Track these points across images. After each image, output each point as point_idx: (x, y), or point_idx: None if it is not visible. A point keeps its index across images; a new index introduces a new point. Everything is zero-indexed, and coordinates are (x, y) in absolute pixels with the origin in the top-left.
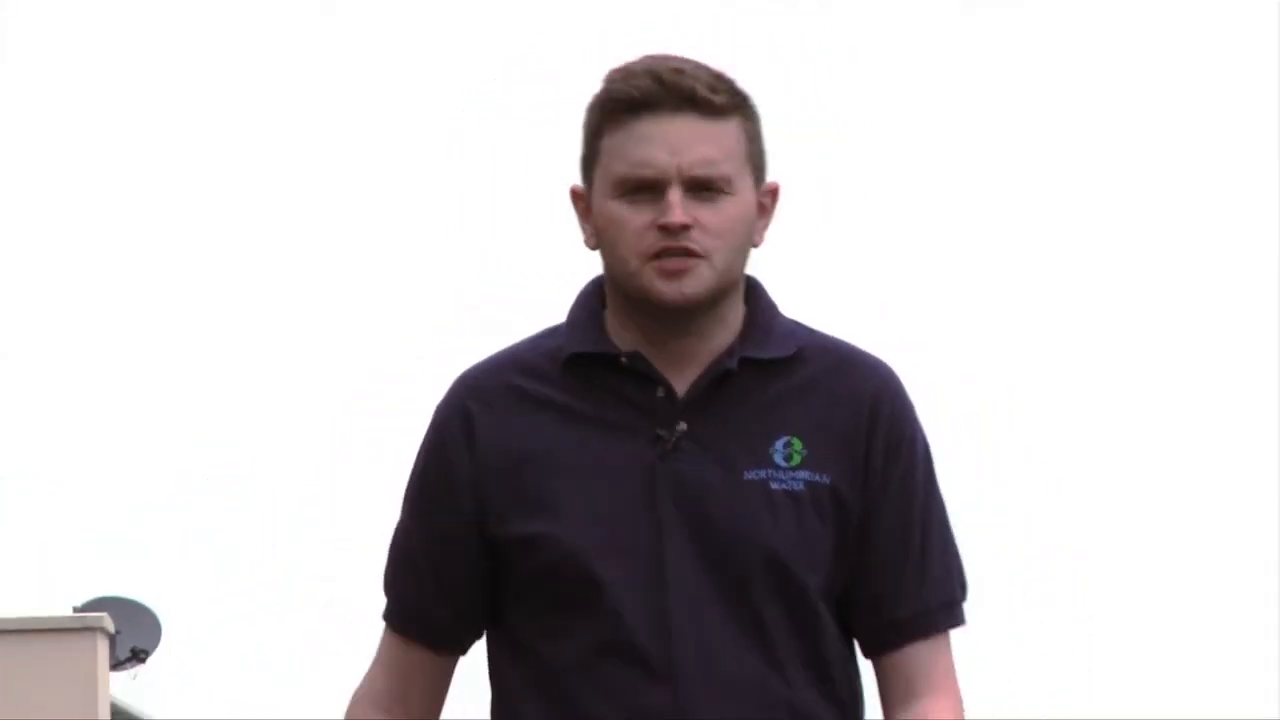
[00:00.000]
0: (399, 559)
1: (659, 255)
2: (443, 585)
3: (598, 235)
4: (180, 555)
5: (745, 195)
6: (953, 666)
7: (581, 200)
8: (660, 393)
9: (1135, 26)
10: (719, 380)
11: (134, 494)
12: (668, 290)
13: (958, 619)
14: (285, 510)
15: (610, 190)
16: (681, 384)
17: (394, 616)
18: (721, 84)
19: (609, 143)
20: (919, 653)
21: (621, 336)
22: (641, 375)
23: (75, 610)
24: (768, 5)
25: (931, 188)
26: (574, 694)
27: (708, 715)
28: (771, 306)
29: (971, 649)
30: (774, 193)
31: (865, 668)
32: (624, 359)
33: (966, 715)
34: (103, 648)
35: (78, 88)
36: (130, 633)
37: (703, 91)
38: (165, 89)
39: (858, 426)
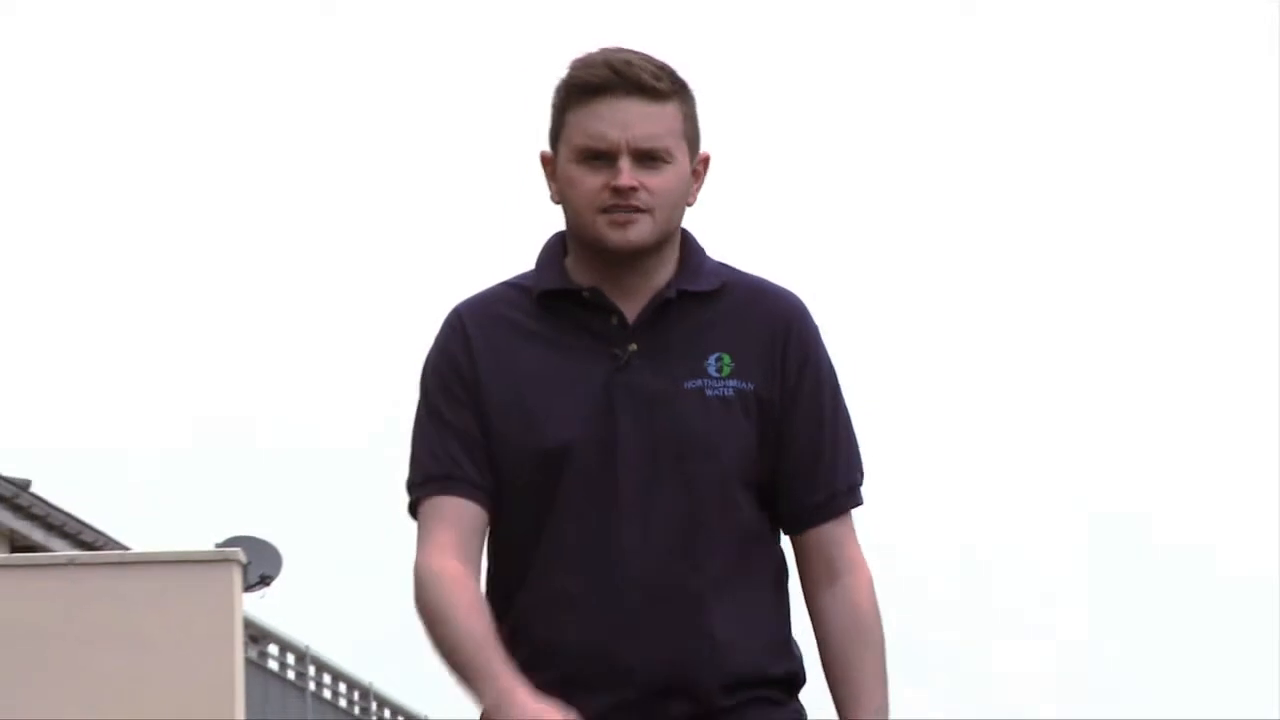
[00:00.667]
0: (430, 440)
1: (609, 210)
2: (466, 450)
3: (561, 192)
4: (296, 500)
5: (681, 164)
6: (858, 542)
7: (549, 164)
8: (614, 320)
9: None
10: (661, 309)
11: (259, 456)
12: (617, 238)
13: (859, 500)
14: (372, 462)
15: (572, 156)
16: (631, 312)
17: (441, 483)
18: (664, 73)
19: (571, 118)
20: (832, 532)
21: (581, 275)
22: (599, 306)
23: (216, 546)
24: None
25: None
26: (545, 567)
27: (645, 568)
28: (700, 250)
29: (864, 527)
30: (705, 161)
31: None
32: (585, 293)
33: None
34: (237, 575)
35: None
36: (258, 563)
37: (648, 80)
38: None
39: (774, 343)
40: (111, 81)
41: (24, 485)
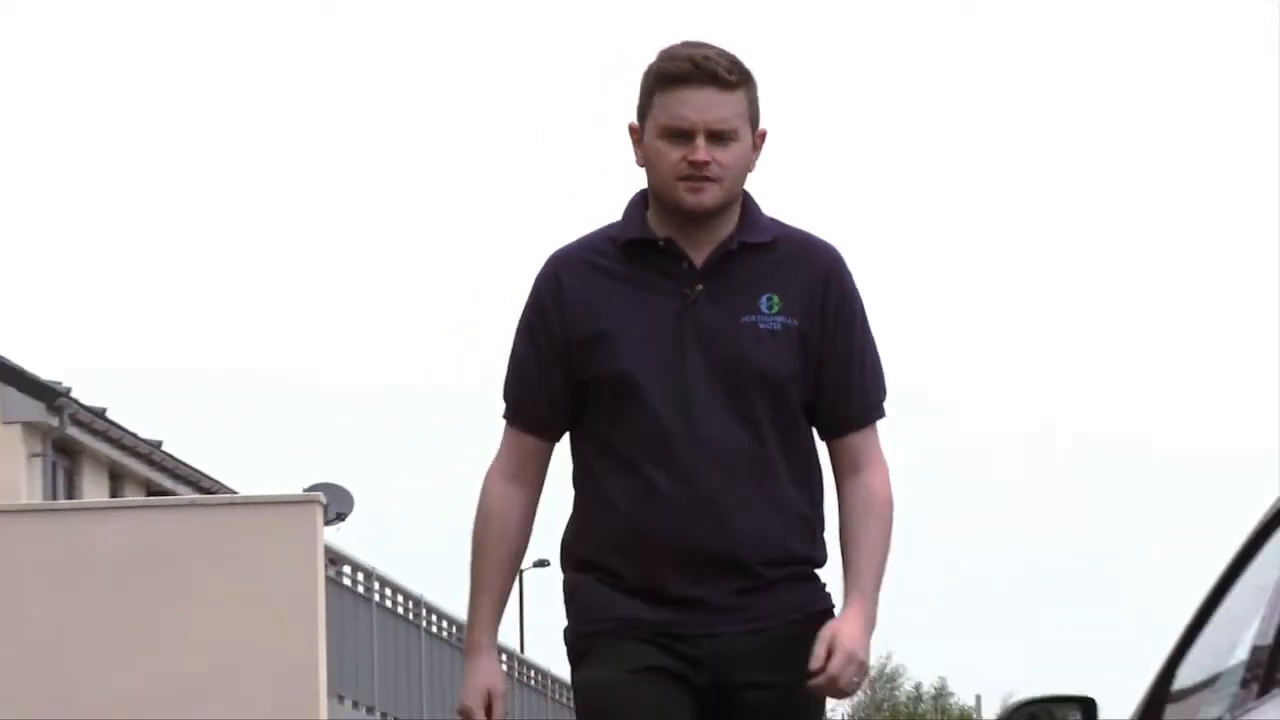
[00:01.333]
0: (517, 375)
1: (686, 178)
2: (545, 390)
3: (645, 159)
4: (367, 452)
5: (745, 141)
6: (880, 445)
7: (636, 134)
8: (685, 265)
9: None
10: (724, 257)
11: (336, 413)
12: (692, 201)
13: (882, 413)
14: (427, 415)
15: (658, 132)
16: (699, 259)
17: (513, 415)
18: (735, 66)
19: (658, 100)
20: (859, 437)
21: (659, 227)
22: (672, 253)
23: (304, 490)
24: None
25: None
26: (623, 467)
27: (705, 470)
28: (757, 209)
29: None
30: (763, 136)
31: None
32: (661, 243)
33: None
34: (319, 514)
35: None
36: (335, 503)
37: (722, 72)
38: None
39: (816, 287)
40: (187, 58)
41: (157, 444)
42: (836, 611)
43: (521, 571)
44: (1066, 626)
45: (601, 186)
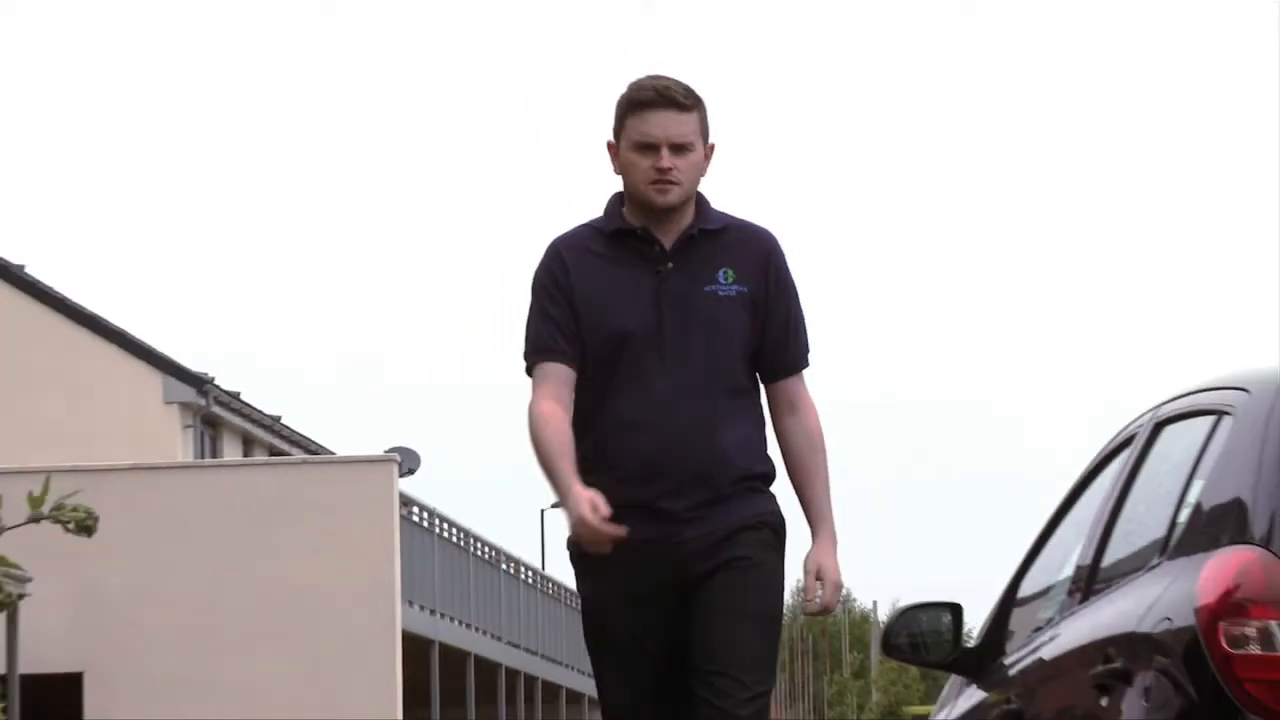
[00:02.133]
0: (540, 321)
1: (655, 182)
2: (561, 331)
3: (622, 168)
4: (432, 422)
5: (699, 151)
6: (808, 389)
7: (613, 149)
8: (657, 248)
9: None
10: (688, 241)
11: (410, 392)
12: (660, 199)
13: (808, 363)
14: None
15: (630, 146)
16: (667, 243)
17: (540, 354)
18: (689, 93)
19: (630, 122)
20: (793, 381)
21: (634, 219)
22: (647, 239)
23: (384, 451)
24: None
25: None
26: (615, 404)
27: (678, 407)
28: (708, 204)
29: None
30: (712, 148)
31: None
32: (638, 231)
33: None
34: (395, 469)
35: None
36: (407, 461)
37: (679, 98)
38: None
39: (760, 263)
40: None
41: (277, 418)
42: (783, 514)
43: (543, 510)
44: (948, 545)
45: (600, 186)
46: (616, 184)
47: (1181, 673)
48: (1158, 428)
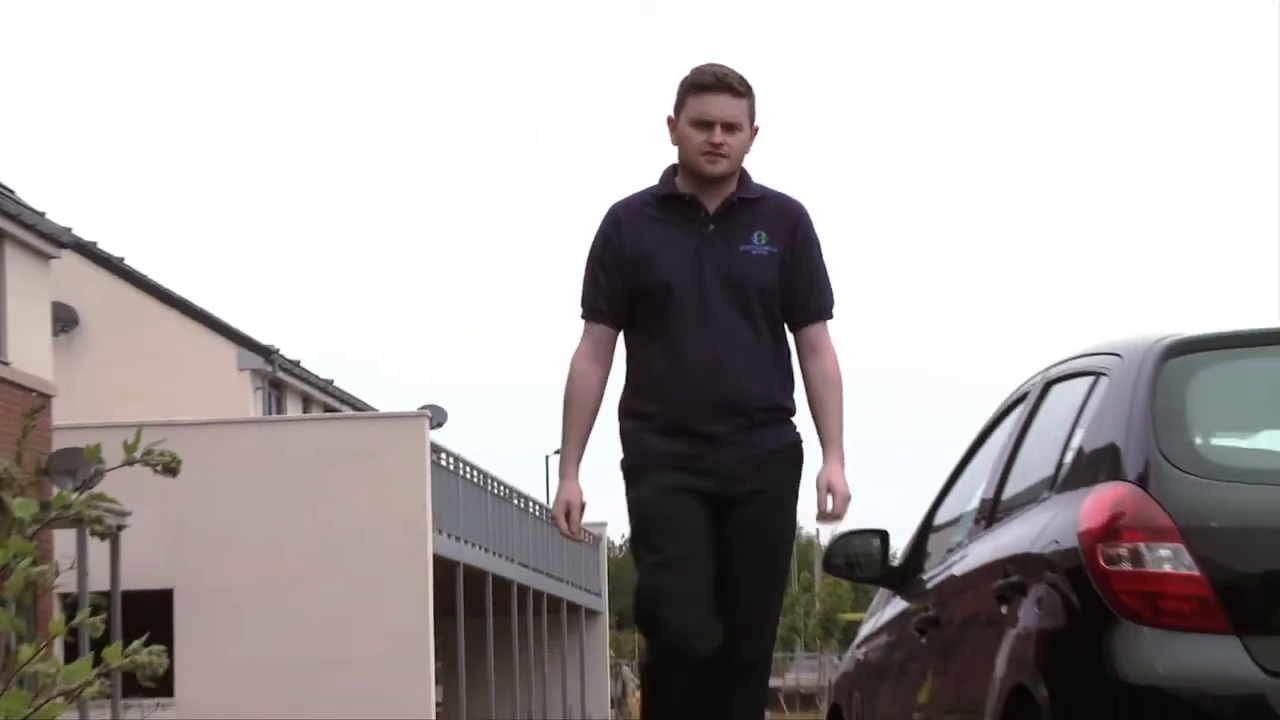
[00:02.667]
0: (592, 285)
1: (707, 154)
2: (610, 293)
3: (679, 140)
4: (458, 382)
5: (746, 132)
6: (830, 336)
7: (672, 123)
8: (702, 213)
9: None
10: (729, 207)
11: (440, 359)
12: (710, 169)
13: (831, 315)
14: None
15: (689, 122)
16: (711, 208)
17: (590, 313)
18: (743, 82)
19: (690, 100)
20: (816, 328)
21: (684, 187)
22: (694, 204)
23: (418, 409)
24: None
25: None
26: (662, 343)
27: (718, 349)
28: (749, 177)
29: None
30: (756, 130)
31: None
32: (686, 197)
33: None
34: (426, 422)
35: None
36: (436, 416)
37: (734, 85)
38: None
39: (790, 227)
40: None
41: (330, 381)
42: (805, 444)
43: (547, 456)
44: (882, 487)
45: (601, 185)
46: (616, 184)
47: (1067, 585)
48: (1047, 386)
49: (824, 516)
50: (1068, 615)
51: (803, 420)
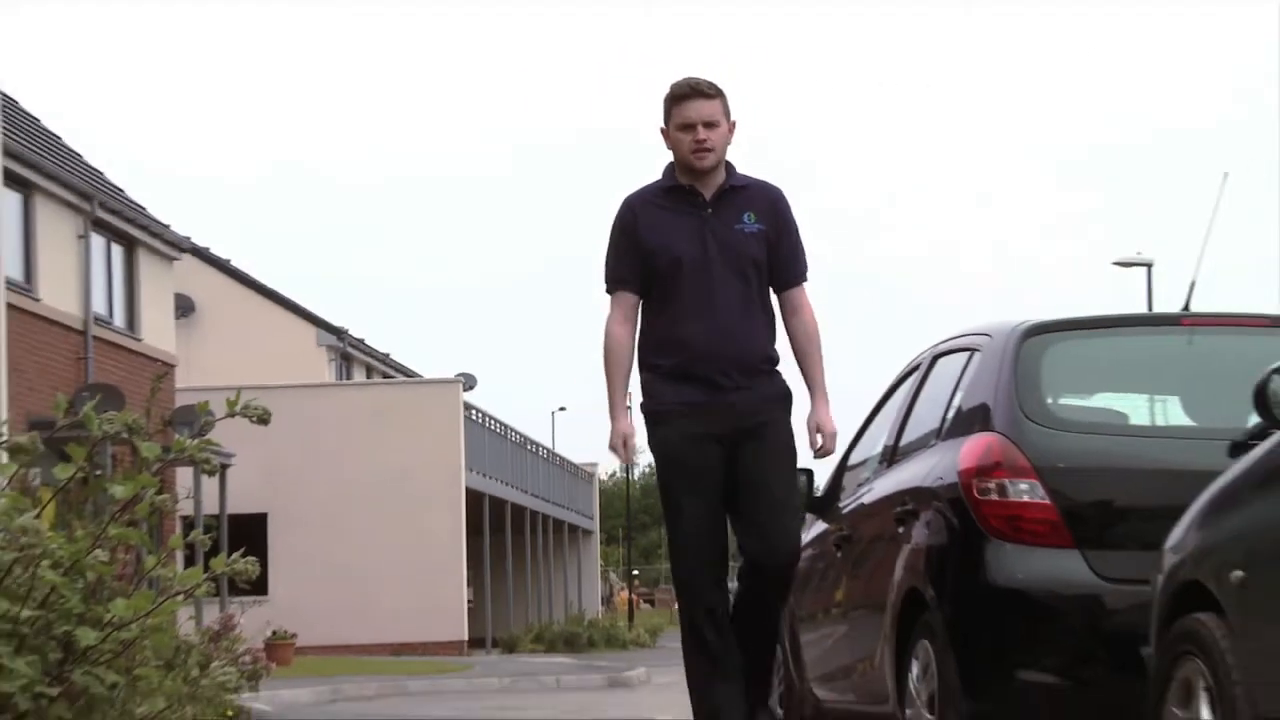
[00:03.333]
0: (616, 260)
1: (695, 151)
2: (631, 266)
3: (672, 144)
4: (485, 351)
5: (724, 127)
6: (808, 296)
7: (665, 132)
8: (700, 199)
9: None
10: (723, 194)
11: (473, 332)
12: (699, 163)
13: (806, 278)
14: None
15: (676, 128)
16: (708, 196)
17: (616, 284)
18: (713, 86)
19: (674, 110)
20: (796, 291)
21: (682, 179)
22: (693, 193)
23: (454, 375)
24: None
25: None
26: (676, 308)
27: (721, 315)
28: (734, 167)
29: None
30: (734, 125)
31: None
32: (686, 187)
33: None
34: (460, 386)
35: None
36: (467, 381)
37: (706, 90)
38: None
39: (771, 209)
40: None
41: (386, 355)
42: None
43: (553, 412)
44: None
45: (601, 184)
46: (615, 186)
47: (949, 511)
48: (935, 358)
49: (818, 452)
50: (949, 534)
51: (788, 369)
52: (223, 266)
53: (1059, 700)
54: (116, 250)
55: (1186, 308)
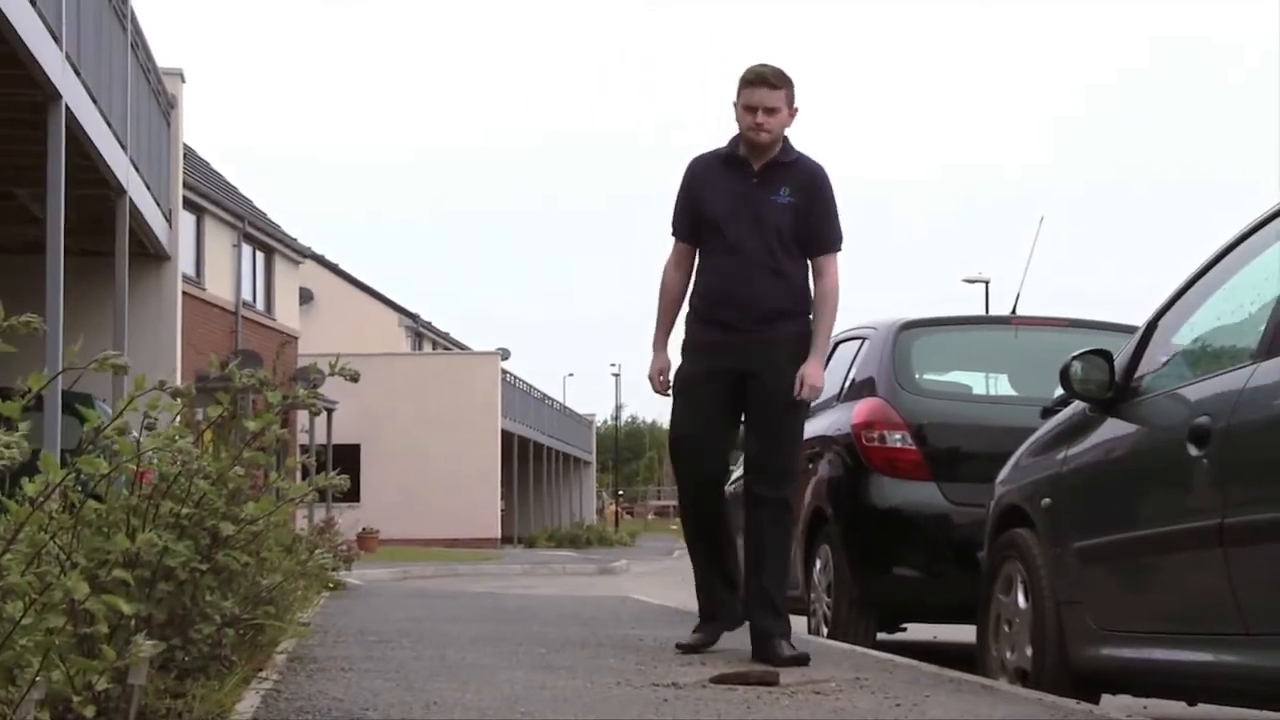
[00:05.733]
0: (678, 215)
1: (754, 128)
2: (688, 220)
3: (738, 119)
4: (520, 328)
5: (784, 113)
6: (837, 263)
7: (735, 106)
8: (750, 170)
9: None
10: (769, 167)
11: (509, 315)
12: (756, 138)
13: (840, 248)
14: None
15: (741, 107)
16: (756, 167)
17: (677, 232)
18: (780, 75)
19: (742, 91)
20: (826, 258)
21: (742, 151)
22: (746, 163)
23: (495, 348)
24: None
25: None
26: (713, 259)
27: (754, 267)
28: (789, 144)
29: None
30: (795, 112)
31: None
32: (741, 157)
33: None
34: (498, 357)
35: None
36: (503, 353)
37: (772, 79)
38: None
39: (809, 184)
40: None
41: (448, 334)
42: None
43: (564, 378)
44: None
45: (599, 185)
46: (620, 179)
47: (845, 453)
48: (837, 345)
49: (796, 397)
50: (844, 470)
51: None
52: (333, 268)
53: (920, 588)
54: (259, 255)
55: (1014, 312)
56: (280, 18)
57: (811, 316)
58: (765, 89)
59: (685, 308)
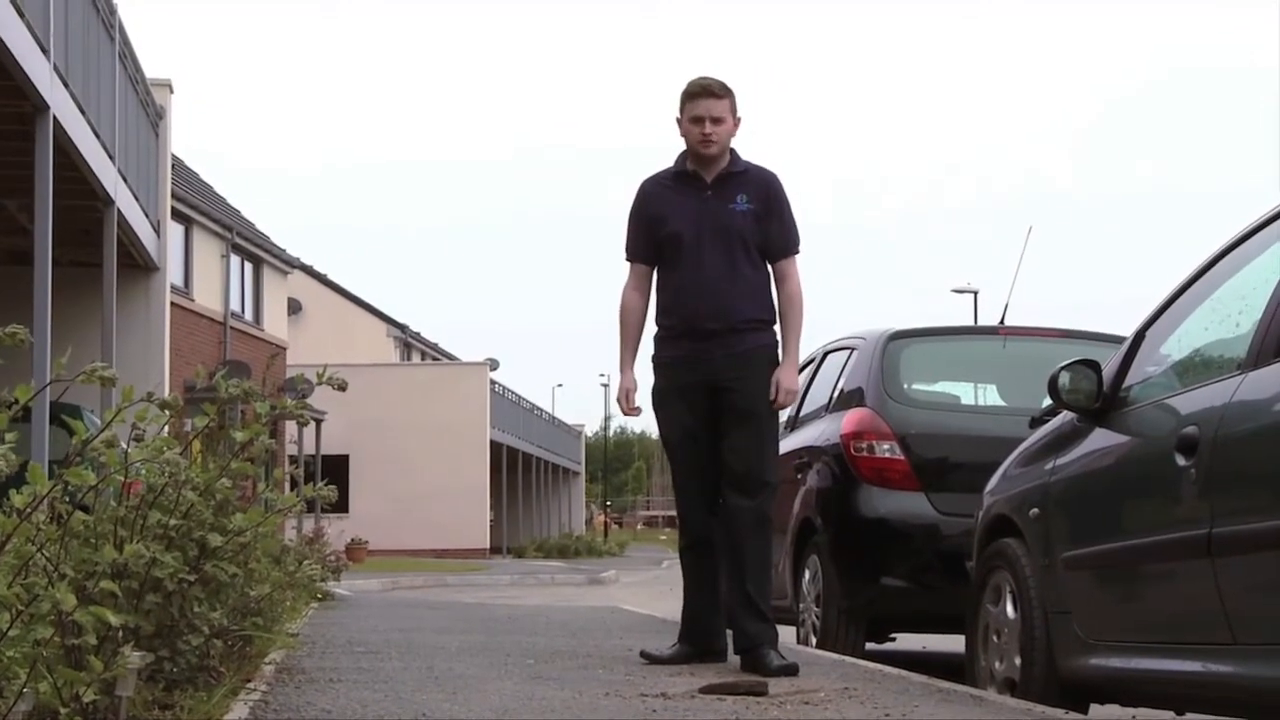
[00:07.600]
0: (632, 237)
1: (702, 141)
2: (644, 241)
3: (684, 134)
4: (508, 340)
5: (730, 123)
6: (797, 267)
7: (680, 121)
8: (702, 183)
9: None
10: (721, 178)
11: (497, 329)
12: (704, 151)
13: (798, 250)
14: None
15: (687, 120)
16: (709, 179)
17: (632, 255)
18: (723, 86)
19: (687, 105)
20: (786, 262)
21: (691, 165)
22: (697, 177)
23: (484, 358)
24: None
25: None
26: (676, 275)
27: (713, 281)
28: (737, 155)
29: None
30: (739, 121)
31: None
32: (690, 172)
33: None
34: (487, 367)
35: None
36: (491, 364)
37: (716, 89)
38: None
39: (764, 192)
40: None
41: (436, 344)
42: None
43: (553, 388)
44: None
45: (599, 183)
46: (614, 183)
47: (833, 463)
48: (826, 354)
49: (773, 406)
50: (833, 479)
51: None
52: (322, 278)
53: (908, 598)
54: (248, 266)
55: (1002, 322)
56: (255, 31)
57: (778, 324)
58: (710, 99)
59: (654, 327)
